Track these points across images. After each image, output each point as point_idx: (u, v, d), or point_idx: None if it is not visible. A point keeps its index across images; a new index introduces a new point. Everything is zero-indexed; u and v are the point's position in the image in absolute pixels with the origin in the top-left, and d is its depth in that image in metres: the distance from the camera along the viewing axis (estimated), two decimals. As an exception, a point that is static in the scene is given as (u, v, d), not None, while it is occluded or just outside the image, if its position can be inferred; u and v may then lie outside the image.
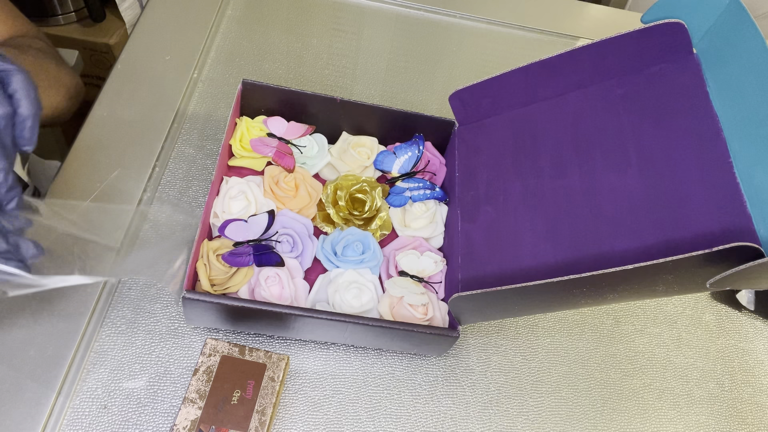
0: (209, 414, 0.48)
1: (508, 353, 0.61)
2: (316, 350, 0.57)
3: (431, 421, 0.55)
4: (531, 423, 0.57)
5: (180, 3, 0.81)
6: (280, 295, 0.53)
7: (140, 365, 0.53)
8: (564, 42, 0.92)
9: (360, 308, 0.55)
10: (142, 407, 0.51)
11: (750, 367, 0.65)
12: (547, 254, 0.51)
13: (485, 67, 0.86)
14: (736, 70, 0.46)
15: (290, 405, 0.54)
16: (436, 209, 0.62)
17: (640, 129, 0.51)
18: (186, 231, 0.61)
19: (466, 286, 0.55)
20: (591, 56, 0.54)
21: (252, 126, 0.62)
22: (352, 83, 0.79)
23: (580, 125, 0.55)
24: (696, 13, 0.49)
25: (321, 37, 0.83)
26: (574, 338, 0.63)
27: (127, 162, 0.64)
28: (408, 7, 0.90)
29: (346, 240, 0.58)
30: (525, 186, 0.56)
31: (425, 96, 0.80)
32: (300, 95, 0.62)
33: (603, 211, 0.50)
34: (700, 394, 0.62)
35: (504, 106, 0.60)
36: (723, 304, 0.69)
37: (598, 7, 0.99)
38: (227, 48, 0.78)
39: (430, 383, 0.57)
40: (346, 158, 0.63)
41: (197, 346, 0.55)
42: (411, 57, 0.84)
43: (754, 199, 0.42)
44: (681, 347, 0.65)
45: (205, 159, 0.66)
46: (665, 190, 0.47)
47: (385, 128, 0.65)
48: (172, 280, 0.47)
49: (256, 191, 0.58)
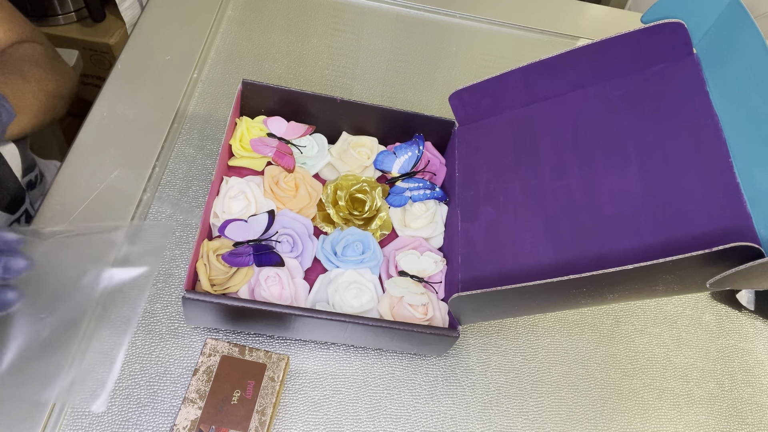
0: (209, 414, 0.48)
1: (508, 353, 0.61)
2: (316, 350, 0.57)
3: (431, 421, 0.55)
4: (531, 423, 0.57)
5: (180, 3, 0.81)
6: (280, 295, 0.53)
7: (140, 365, 0.53)
8: (564, 42, 0.92)
9: (360, 308, 0.55)
10: (142, 407, 0.51)
11: (750, 367, 0.65)
12: (547, 254, 0.51)
13: (485, 67, 0.86)
14: (736, 70, 0.46)
15: (290, 405, 0.54)
16: (436, 209, 0.62)
17: (640, 129, 0.51)
18: (186, 231, 0.61)
19: (466, 286, 0.55)
20: (591, 56, 0.54)
21: (252, 126, 0.62)
22: (352, 83, 0.79)
23: (580, 125, 0.55)
24: (696, 13, 0.49)
25: (321, 37, 0.83)
26: (574, 338, 0.63)
27: (127, 162, 0.64)
28: (408, 7, 0.90)
29: (346, 240, 0.58)
30: (525, 186, 0.56)
31: (425, 96, 0.80)
32: (300, 95, 0.62)
33: (603, 211, 0.50)
34: (700, 394, 0.62)
35: (504, 106, 0.60)
36: (723, 304, 0.69)
37: (598, 7, 0.99)
38: (227, 48, 0.78)
39: (430, 383, 0.57)
40: (346, 158, 0.63)
41: (197, 346, 0.55)
42: (411, 57, 0.84)
43: (754, 199, 0.42)
44: (681, 347, 0.65)
45: (205, 159, 0.66)
46: (665, 190, 0.47)
47: (385, 128, 0.65)
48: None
49: (256, 191, 0.58)
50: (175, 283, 0.58)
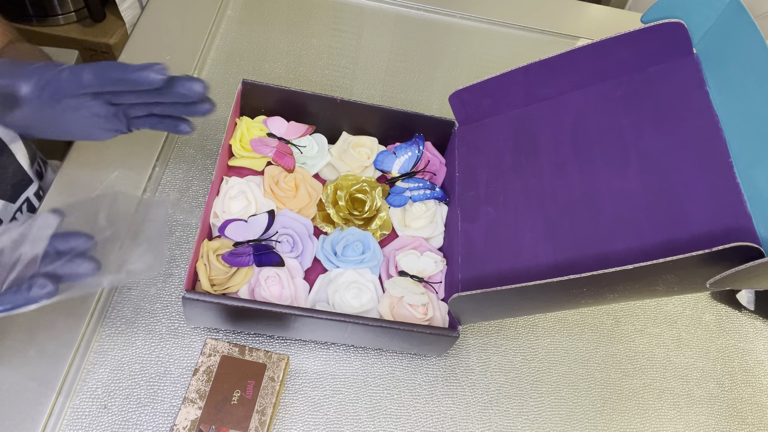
0: (209, 414, 0.48)
1: (508, 353, 0.61)
2: (316, 350, 0.57)
3: (431, 421, 0.55)
4: (531, 423, 0.57)
5: (180, 3, 0.81)
6: (280, 295, 0.53)
7: (140, 365, 0.53)
8: (564, 42, 0.92)
9: (360, 308, 0.55)
10: (142, 407, 0.51)
11: (750, 367, 0.65)
12: (547, 254, 0.51)
13: (485, 67, 0.86)
14: (736, 70, 0.46)
15: (290, 405, 0.54)
16: (436, 209, 0.62)
17: (640, 129, 0.51)
18: (186, 231, 0.61)
19: (466, 286, 0.55)
20: (591, 56, 0.54)
21: (252, 126, 0.62)
22: (352, 83, 0.79)
23: (580, 125, 0.55)
24: (696, 13, 0.49)
25: (321, 37, 0.83)
26: (574, 338, 0.63)
27: (127, 162, 0.64)
28: (408, 7, 0.90)
29: (346, 240, 0.58)
30: (525, 186, 0.56)
31: (425, 96, 0.80)
32: (300, 95, 0.62)
33: (603, 211, 0.50)
34: (700, 394, 0.62)
35: (504, 106, 0.60)
36: (723, 304, 0.69)
37: (598, 7, 0.99)
38: (227, 48, 0.78)
39: (430, 383, 0.57)
40: (346, 158, 0.63)
41: (197, 346, 0.55)
42: (411, 57, 0.84)
43: (754, 199, 0.42)
44: (681, 347, 0.65)
45: (205, 159, 0.66)
46: (665, 190, 0.47)
47: (385, 128, 0.65)
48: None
49: (256, 191, 0.58)
50: (175, 283, 0.58)
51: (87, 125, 0.50)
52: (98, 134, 0.51)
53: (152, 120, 0.51)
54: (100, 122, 0.50)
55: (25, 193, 0.60)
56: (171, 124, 0.51)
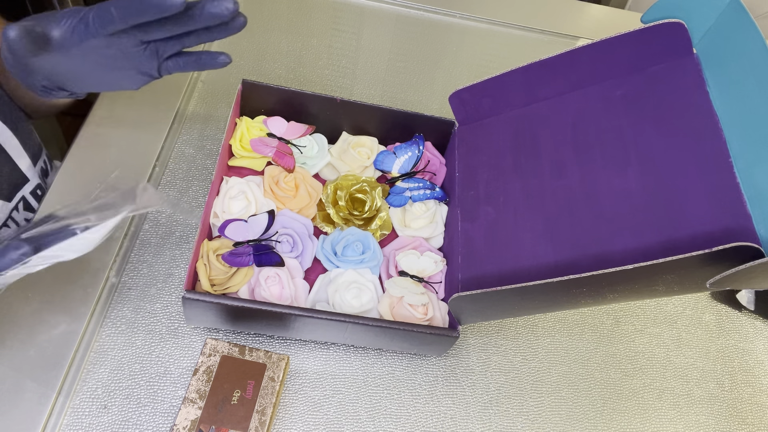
0: (209, 414, 0.48)
1: (508, 353, 0.61)
2: (316, 350, 0.57)
3: (431, 421, 0.55)
4: (531, 423, 0.57)
5: (180, 3, 0.81)
6: (280, 295, 0.53)
7: (140, 365, 0.53)
8: (564, 42, 0.92)
9: (360, 308, 0.55)
10: (142, 407, 0.51)
11: (750, 367, 0.65)
12: (547, 254, 0.51)
13: (485, 67, 0.86)
14: (736, 70, 0.46)
15: (290, 405, 0.54)
16: (436, 209, 0.62)
17: (640, 129, 0.51)
18: (186, 231, 0.61)
19: (466, 286, 0.55)
20: (591, 56, 0.54)
21: (252, 126, 0.62)
22: (352, 83, 0.79)
23: (580, 125, 0.55)
24: (696, 13, 0.49)
25: (321, 37, 0.83)
26: (574, 338, 0.63)
27: (127, 162, 0.64)
28: (408, 7, 0.90)
29: (346, 240, 0.58)
30: (525, 186, 0.56)
31: (425, 96, 0.80)
32: (300, 95, 0.62)
33: (603, 211, 0.50)
34: (700, 394, 0.62)
35: (504, 106, 0.60)
36: (723, 304, 0.69)
37: (598, 7, 0.99)
38: (227, 48, 0.78)
39: (430, 383, 0.57)
40: (346, 158, 0.63)
41: (197, 346, 0.55)
42: (411, 57, 0.84)
43: (754, 199, 0.42)
44: (681, 347, 0.65)
45: (205, 159, 0.66)
46: (665, 190, 0.47)
47: (385, 128, 0.65)
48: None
49: (256, 191, 0.58)
50: (175, 283, 0.58)
51: (117, 69, 0.49)
52: (129, 81, 0.51)
53: (186, 59, 0.50)
54: (131, 64, 0.49)
55: (20, 192, 0.60)
56: (207, 59, 0.50)
